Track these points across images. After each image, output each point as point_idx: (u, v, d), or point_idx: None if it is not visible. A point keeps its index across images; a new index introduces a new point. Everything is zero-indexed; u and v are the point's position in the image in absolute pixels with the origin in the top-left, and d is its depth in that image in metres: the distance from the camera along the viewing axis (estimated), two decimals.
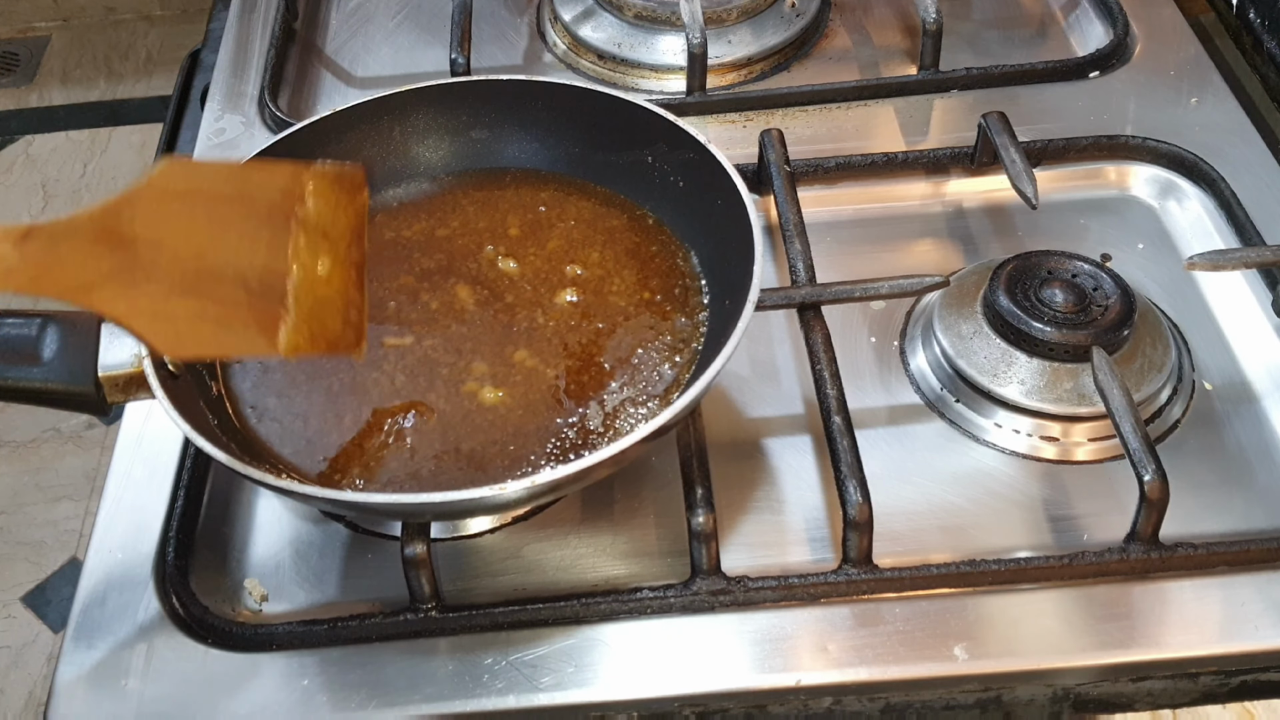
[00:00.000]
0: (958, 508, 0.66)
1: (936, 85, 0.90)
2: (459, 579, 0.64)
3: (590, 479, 0.59)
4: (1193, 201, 0.82)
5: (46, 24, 2.49)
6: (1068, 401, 0.67)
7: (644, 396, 0.65)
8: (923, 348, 0.73)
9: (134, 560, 0.65)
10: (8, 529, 1.75)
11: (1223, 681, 0.60)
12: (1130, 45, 0.93)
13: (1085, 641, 0.59)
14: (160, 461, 0.69)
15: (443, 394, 0.65)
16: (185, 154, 0.90)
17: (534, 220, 0.74)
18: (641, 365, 0.66)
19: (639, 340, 0.67)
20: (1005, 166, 0.78)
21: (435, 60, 0.98)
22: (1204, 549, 0.61)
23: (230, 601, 0.64)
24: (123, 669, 0.61)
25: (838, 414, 0.64)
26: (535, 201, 0.75)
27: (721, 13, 0.94)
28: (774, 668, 0.59)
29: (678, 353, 0.67)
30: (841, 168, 0.83)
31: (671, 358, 0.66)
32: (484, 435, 0.63)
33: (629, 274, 0.71)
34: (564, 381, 0.65)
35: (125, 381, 0.59)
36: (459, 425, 0.63)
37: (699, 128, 0.71)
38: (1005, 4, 1.01)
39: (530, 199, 0.75)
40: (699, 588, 0.61)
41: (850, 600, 0.61)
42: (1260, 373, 0.71)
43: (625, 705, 0.59)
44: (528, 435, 0.63)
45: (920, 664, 0.59)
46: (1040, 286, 0.70)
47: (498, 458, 0.62)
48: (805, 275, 0.73)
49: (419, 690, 0.59)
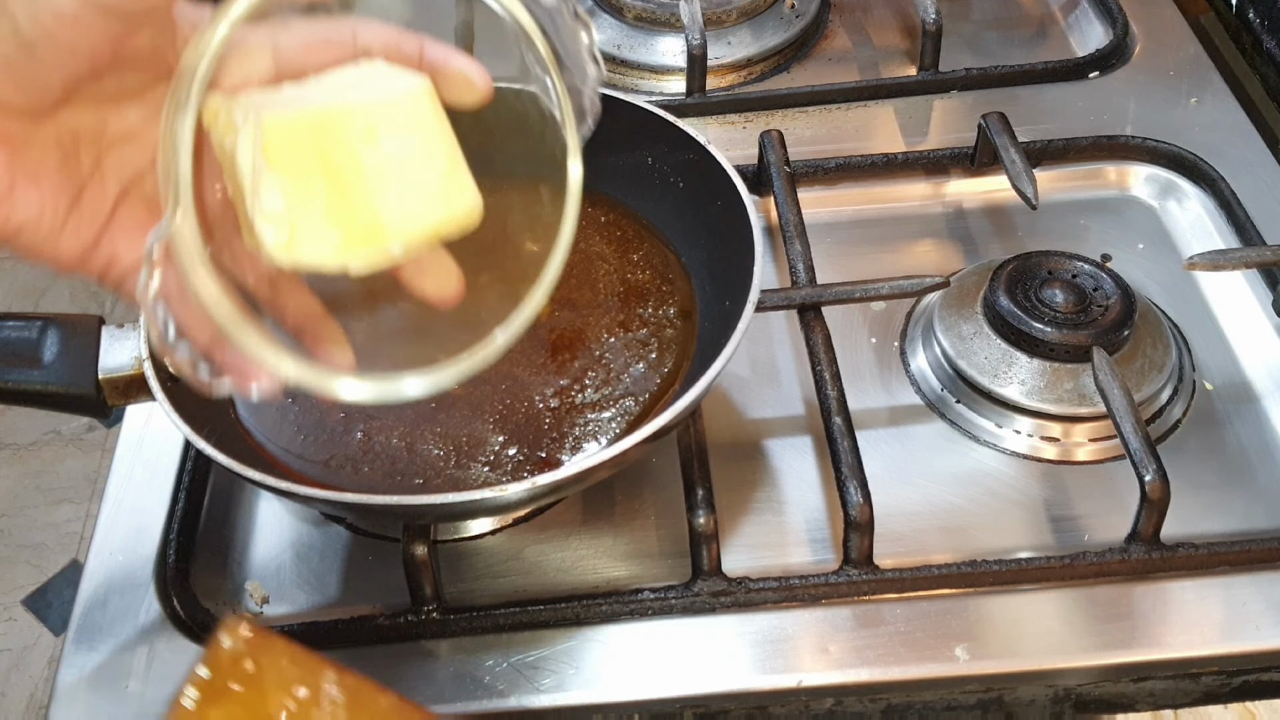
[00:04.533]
0: (958, 508, 0.66)
1: (936, 86, 0.90)
2: (460, 581, 0.64)
3: (591, 480, 0.59)
4: (1193, 201, 0.82)
5: None
6: (1068, 402, 0.67)
7: (644, 396, 0.65)
8: (923, 348, 0.73)
9: (135, 563, 0.65)
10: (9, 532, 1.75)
11: (1224, 681, 0.60)
12: (1130, 45, 0.93)
13: (1086, 642, 0.59)
14: (161, 464, 0.69)
15: (440, 396, 0.65)
16: None
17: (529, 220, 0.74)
18: (642, 365, 0.66)
19: (639, 340, 0.67)
20: (1005, 167, 0.78)
21: None
22: (1205, 549, 0.61)
23: (231, 604, 0.64)
24: (124, 671, 0.61)
25: (838, 415, 0.65)
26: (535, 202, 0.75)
27: (721, 14, 0.94)
28: (775, 669, 0.59)
29: (678, 353, 0.67)
30: (841, 168, 0.83)
31: (672, 358, 0.66)
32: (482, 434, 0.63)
33: (627, 274, 0.71)
34: (562, 382, 0.65)
35: (126, 384, 0.59)
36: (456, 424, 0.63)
37: (699, 129, 0.71)
38: (1005, 4, 1.01)
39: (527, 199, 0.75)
40: (700, 589, 0.61)
41: (851, 601, 0.61)
42: (1260, 373, 0.71)
43: (626, 706, 0.59)
44: (524, 434, 0.63)
45: (921, 665, 0.59)
46: (1040, 287, 0.70)
47: (496, 458, 0.62)
48: (805, 276, 0.73)
49: (420, 692, 0.59)
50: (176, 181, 0.39)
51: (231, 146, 0.41)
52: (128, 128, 0.44)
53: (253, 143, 0.40)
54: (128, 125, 0.44)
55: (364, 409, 0.64)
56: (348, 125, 0.42)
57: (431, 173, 0.44)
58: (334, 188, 0.41)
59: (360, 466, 0.62)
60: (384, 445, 0.63)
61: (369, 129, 0.42)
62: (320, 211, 0.41)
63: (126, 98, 0.43)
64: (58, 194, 0.42)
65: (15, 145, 0.41)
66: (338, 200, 0.41)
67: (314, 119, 0.41)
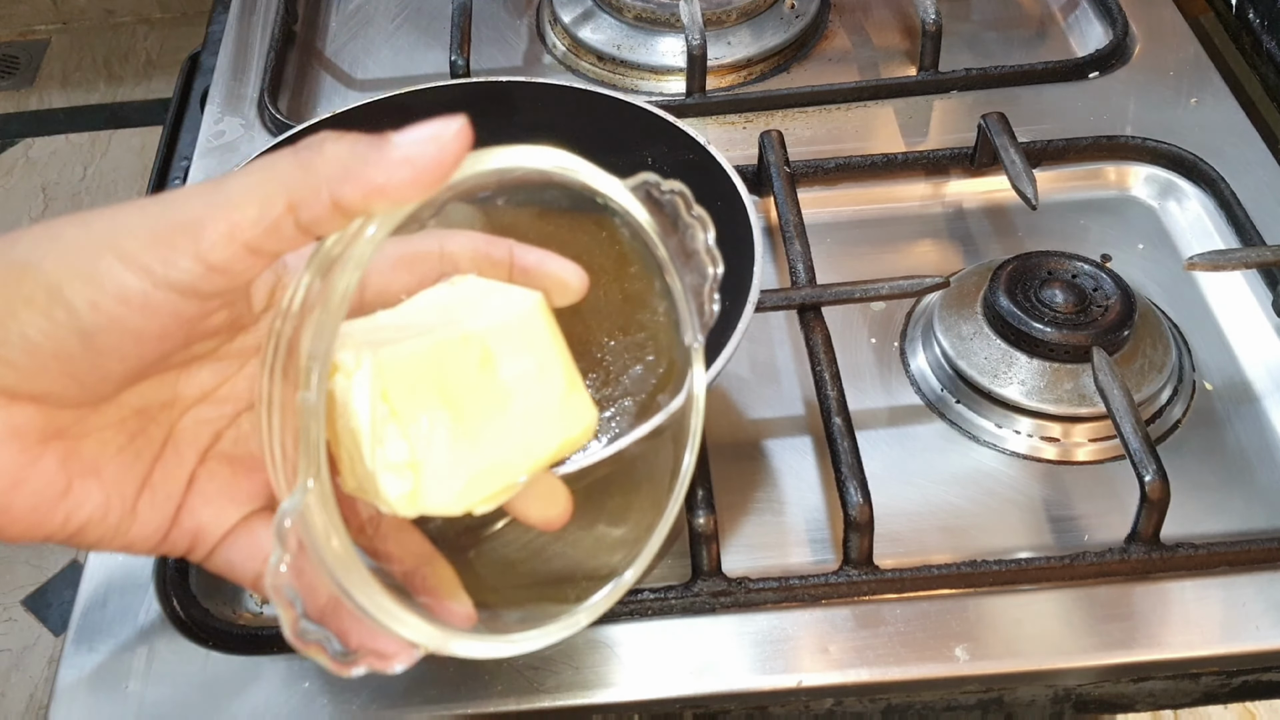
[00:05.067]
0: (958, 508, 0.66)
1: (936, 86, 0.90)
2: None
3: (589, 479, 0.59)
4: (1192, 201, 0.82)
5: (46, 27, 2.49)
6: (1068, 402, 0.67)
7: (644, 397, 0.65)
8: (923, 349, 0.73)
9: (135, 562, 0.65)
10: None
11: (1224, 682, 0.60)
12: (1130, 46, 0.93)
13: (1086, 642, 0.59)
14: None
15: None
16: (185, 156, 0.90)
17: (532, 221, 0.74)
18: (640, 367, 0.66)
19: (637, 343, 0.67)
20: (1005, 167, 0.78)
21: (435, 62, 0.98)
22: (1205, 549, 0.61)
23: (231, 604, 0.64)
24: (124, 672, 0.61)
25: (838, 415, 0.64)
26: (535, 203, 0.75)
27: (721, 14, 0.94)
28: (775, 669, 0.59)
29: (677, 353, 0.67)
30: (841, 169, 0.83)
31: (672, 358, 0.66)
32: None
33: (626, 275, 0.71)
34: None
35: None
36: None
37: (699, 129, 0.71)
38: (1005, 4, 1.01)
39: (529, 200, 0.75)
40: (700, 589, 0.61)
41: (851, 601, 0.61)
42: (1260, 373, 0.71)
43: (626, 707, 0.59)
44: None
45: (921, 665, 0.59)
46: (1040, 287, 0.70)
47: None
48: (805, 276, 0.73)
49: (420, 692, 0.59)
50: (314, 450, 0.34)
51: (343, 392, 0.36)
52: (201, 389, 0.39)
53: (370, 387, 0.36)
54: (201, 387, 0.39)
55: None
56: (466, 355, 0.38)
57: (550, 395, 0.41)
58: (456, 427, 0.37)
59: None
60: None
61: (486, 356, 0.38)
62: (445, 455, 0.37)
63: (197, 361, 0.39)
64: (123, 481, 0.37)
65: (69, 440, 0.35)
66: (460, 440, 0.38)
67: (433, 354, 0.37)
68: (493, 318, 0.39)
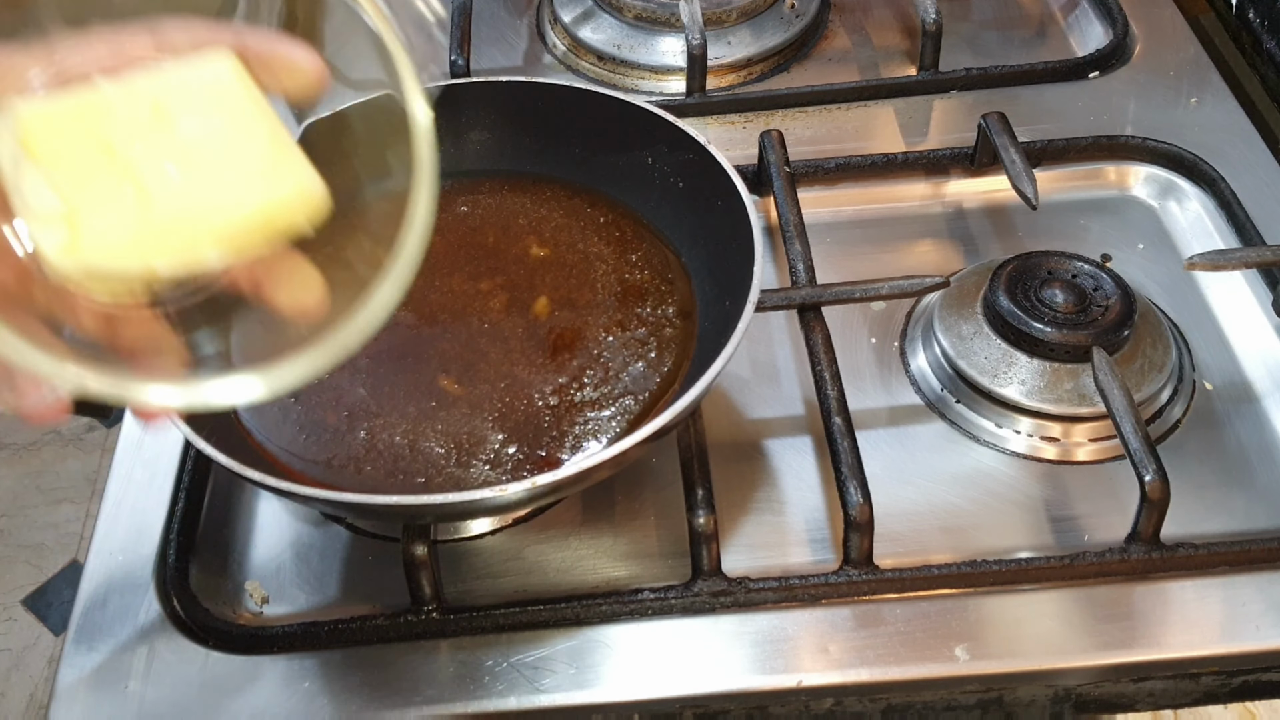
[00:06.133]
0: (958, 508, 0.66)
1: (936, 86, 0.90)
2: (460, 581, 0.64)
3: (591, 480, 0.59)
4: (1193, 201, 0.82)
5: None
6: (1068, 402, 0.67)
7: (644, 396, 0.65)
8: (923, 348, 0.73)
9: (135, 563, 0.65)
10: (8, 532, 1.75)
11: (1224, 681, 0.60)
12: (1130, 45, 0.93)
13: (1086, 642, 0.59)
14: (161, 464, 0.69)
15: (440, 395, 0.65)
16: None
17: (532, 220, 0.74)
18: (641, 364, 0.66)
19: (638, 340, 0.67)
20: (1005, 167, 0.78)
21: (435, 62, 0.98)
22: (1205, 549, 0.61)
23: (231, 604, 0.64)
24: (124, 671, 0.61)
25: (838, 415, 0.65)
26: (534, 202, 0.75)
27: (721, 14, 0.94)
28: (775, 669, 0.59)
29: (678, 353, 0.67)
30: (841, 168, 0.83)
31: (671, 358, 0.66)
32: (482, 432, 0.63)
33: (626, 274, 0.71)
34: (560, 382, 0.65)
35: None
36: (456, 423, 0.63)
37: (699, 129, 0.71)
38: (1005, 4, 1.01)
39: (529, 200, 0.75)
40: (700, 589, 0.61)
41: (851, 601, 0.61)
42: (1260, 373, 0.71)
43: (626, 706, 0.59)
44: (524, 432, 0.63)
45: (921, 665, 0.59)
46: (1040, 287, 0.70)
47: (497, 457, 0.62)
48: (805, 276, 0.73)
49: (420, 692, 0.59)
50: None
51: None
52: None
53: (11, 137, 0.36)
54: None
55: (367, 408, 0.64)
56: (130, 110, 0.37)
57: (248, 156, 0.39)
58: (121, 178, 0.37)
59: (363, 466, 0.62)
60: (387, 444, 0.63)
61: (159, 113, 0.38)
62: (105, 205, 0.37)
63: None
64: None
65: None
66: (128, 191, 0.37)
67: (87, 106, 0.37)
68: (169, 77, 0.39)
